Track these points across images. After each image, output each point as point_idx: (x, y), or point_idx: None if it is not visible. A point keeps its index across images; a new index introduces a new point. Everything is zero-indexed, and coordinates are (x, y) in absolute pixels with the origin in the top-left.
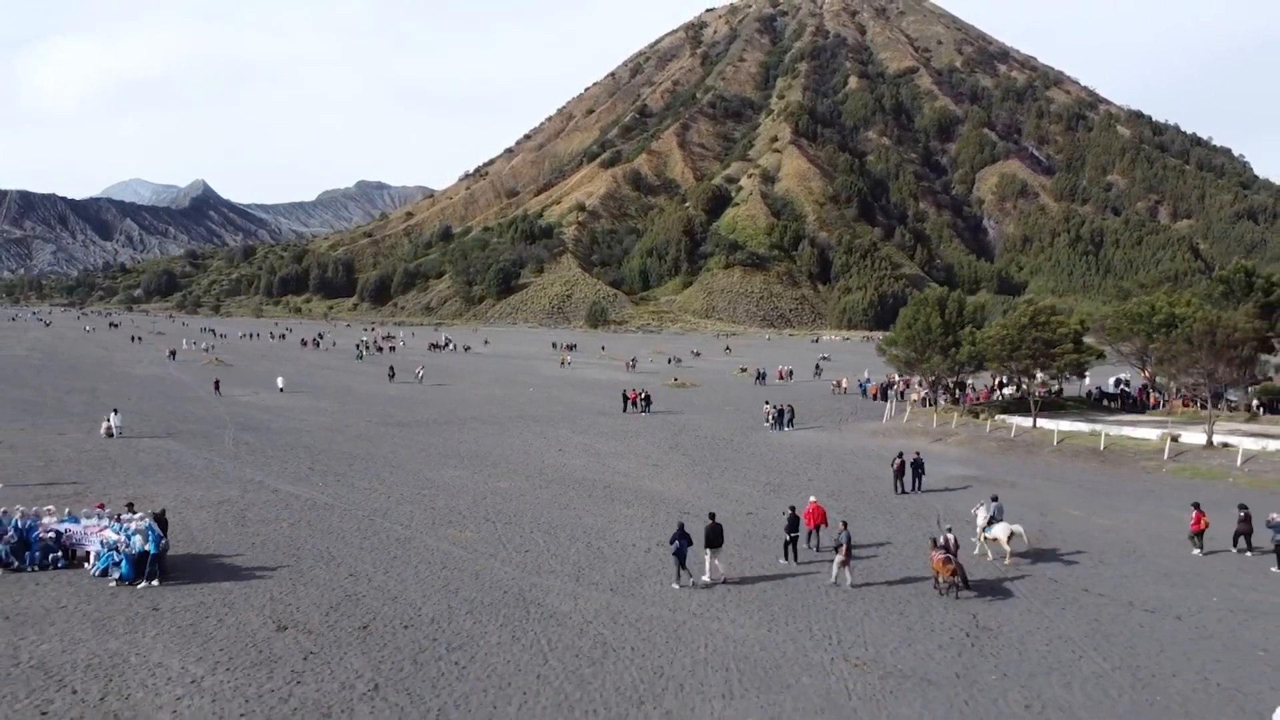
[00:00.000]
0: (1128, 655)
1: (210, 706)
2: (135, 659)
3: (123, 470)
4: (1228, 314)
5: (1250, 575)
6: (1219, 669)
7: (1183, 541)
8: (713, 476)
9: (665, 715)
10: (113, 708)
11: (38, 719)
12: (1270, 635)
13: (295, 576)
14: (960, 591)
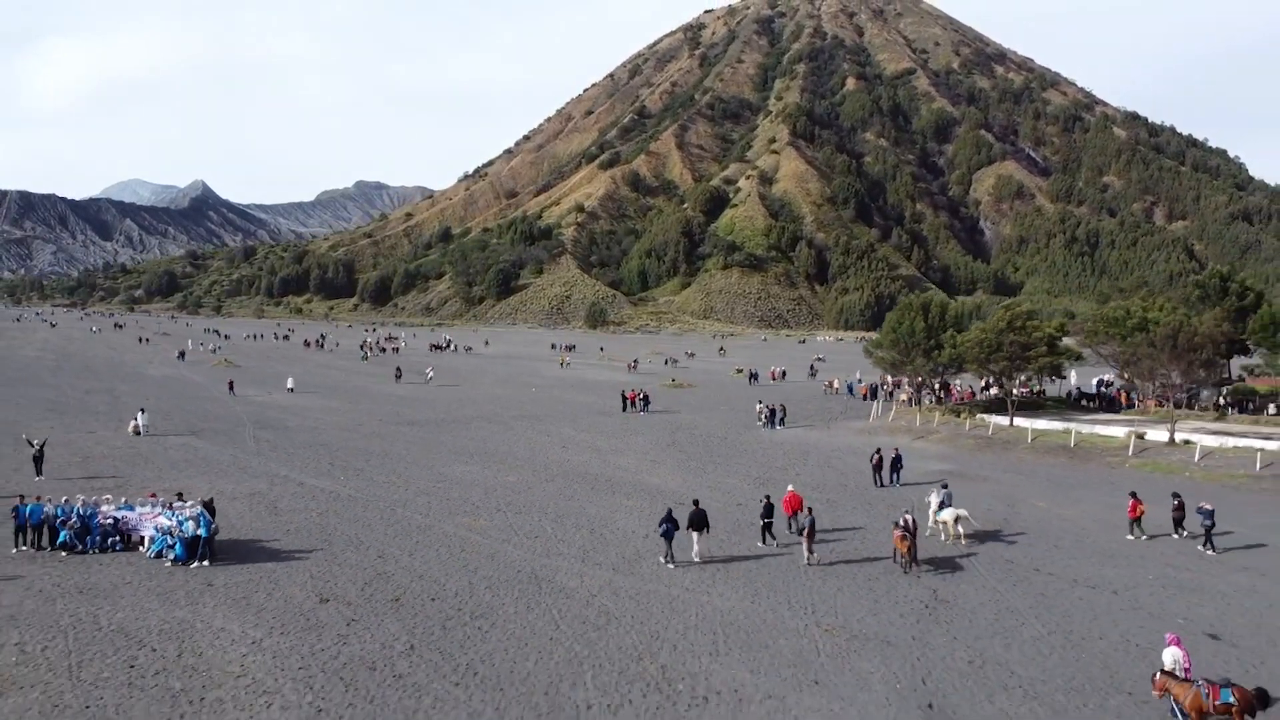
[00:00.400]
0: (1064, 622)
1: (272, 662)
2: (200, 624)
3: (156, 465)
4: (1198, 318)
5: (1183, 556)
6: (1141, 633)
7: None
8: (706, 471)
9: (661, 669)
10: (189, 662)
11: (127, 671)
12: (1192, 607)
13: (330, 558)
14: (913, 565)
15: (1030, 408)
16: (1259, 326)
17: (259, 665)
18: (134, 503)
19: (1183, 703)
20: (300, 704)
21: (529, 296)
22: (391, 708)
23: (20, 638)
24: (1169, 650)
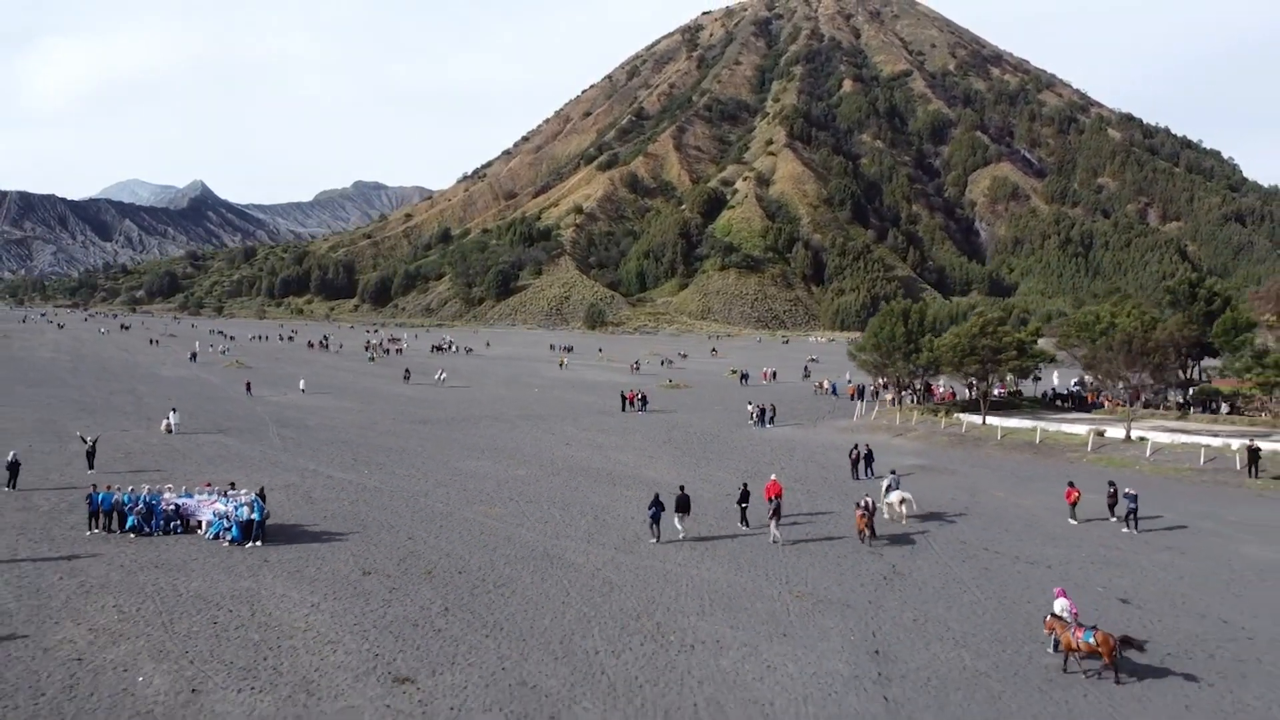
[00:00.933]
0: (1000, 591)
1: (330, 620)
2: (264, 592)
3: (193, 461)
4: (1162, 323)
5: (1115, 537)
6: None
7: (1084, 517)
8: (699, 465)
9: (656, 625)
10: (261, 620)
11: (211, 626)
12: (1113, 578)
13: (365, 539)
14: (871, 539)
15: (1007, 407)
16: (1221, 330)
17: (320, 622)
18: (191, 491)
19: (1060, 639)
20: (359, 650)
21: (528, 297)
22: (434, 654)
23: (115, 601)
24: (1058, 600)
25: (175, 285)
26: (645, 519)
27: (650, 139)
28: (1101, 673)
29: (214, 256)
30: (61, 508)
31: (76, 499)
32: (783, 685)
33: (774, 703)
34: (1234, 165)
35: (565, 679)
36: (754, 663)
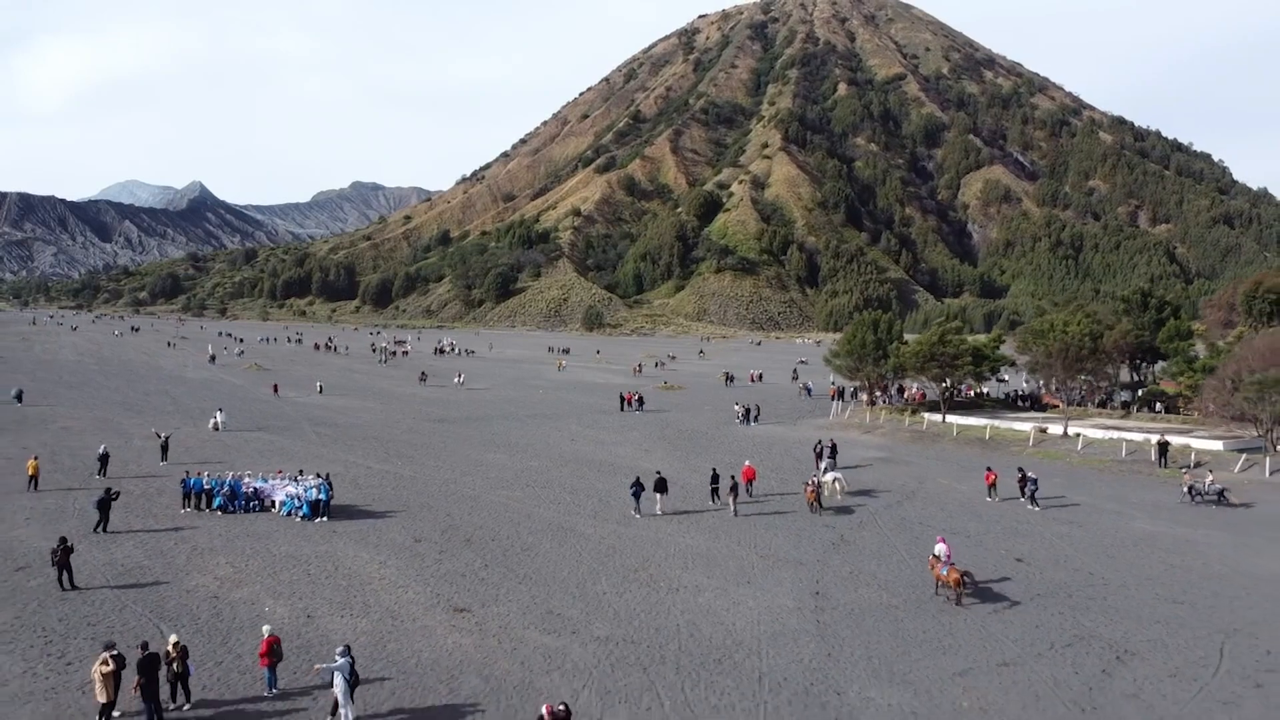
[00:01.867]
0: (924, 553)
1: (397, 573)
2: (340, 553)
3: (245, 454)
4: (1109, 330)
5: (1026, 513)
6: (973, 562)
7: (1001, 497)
8: (689, 458)
9: (650, 576)
10: (344, 571)
11: (306, 577)
12: (1015, 544)
13: (410, 516)
14: (820, 511)
15: (971, 407)
16: (1166, 337)
17: (389, 574)
18: (266, 477)
19: (936, 575)
20: (424, 592)
21: (527, 299)
22: (481, 594)
23: (227, 560)
24: (938, 545)
25: (178, 287)
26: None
27: (647, 142)
28: (960, 599)
29: (215, 258)
30: (150, 492)
31: (161, 484)
32: (743, 614)
33: (735, 624)
34: (1224, 168)
35: (582, 610)
36: (723, 600)
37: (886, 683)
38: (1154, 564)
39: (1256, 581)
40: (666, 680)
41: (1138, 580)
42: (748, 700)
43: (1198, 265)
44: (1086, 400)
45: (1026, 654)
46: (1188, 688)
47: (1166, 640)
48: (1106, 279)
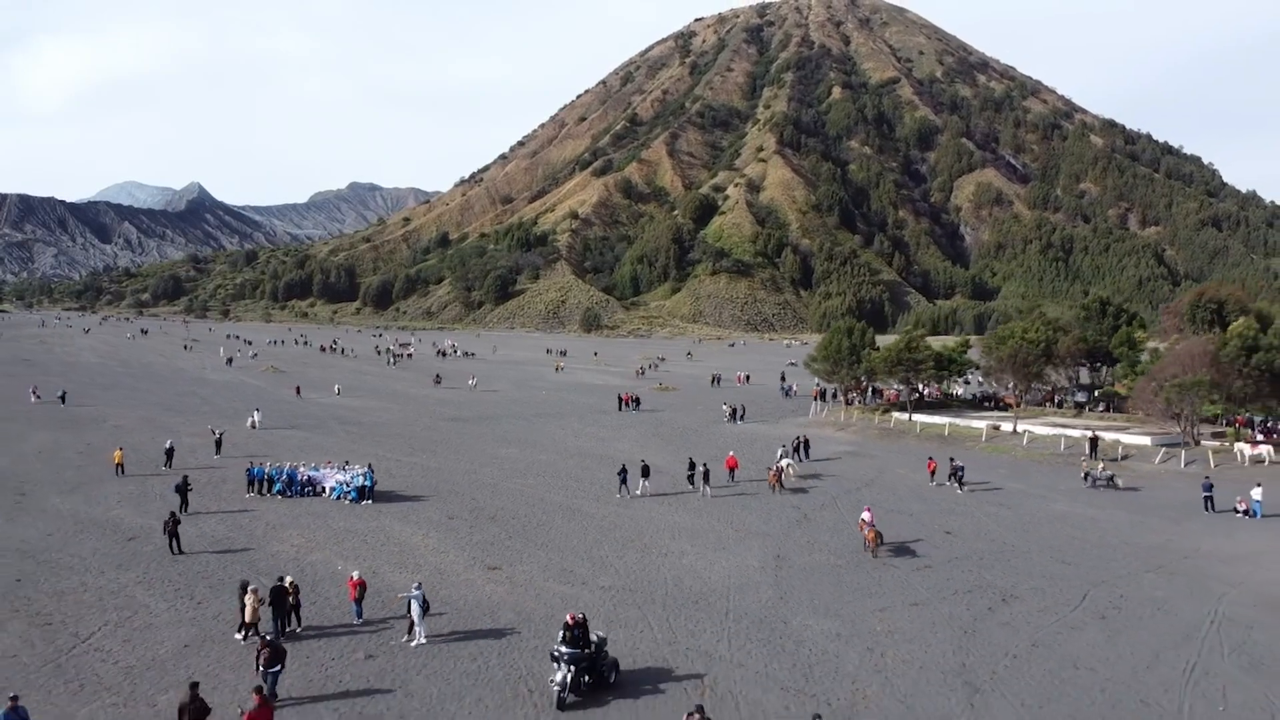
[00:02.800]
0: (923, 557)
1: (437, 542)
2: (388, 528)
3: (285, 449)
4: (1064, 337)
5: (957, 496)
6: (910, 535)
7: (944, 483)
8: (680, 452)
9: (644, 544)
10: (395, 542)
11: (364, 545)
12: (947, 520)
13: (441, 500)
14: (780, 490)
15: (939, 407)
16: (1118, 343)
17: (432, 543)
18: (317, 466)
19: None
20: (462, 556)
21: (526, 301)
22: (509, 556)
23: (297, 532)
24: (865, 513)
25: (179, 288)
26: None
27: (644, 145)
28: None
29: (215, 259)
30: (214, 480)
31: (221, 474)
32: (717, 571)
33: (710, 578)
34: (1213, 170)
35: (589, 568)
36: (703, 562)
37: (823, 615)
38: (1059, 536)
39: (1136, 549)
40: (656, 615)
41: (1040, 548)
42: (716, 627)
43: (1186, 267)
44: (1046, 400)
45: (933, 597)
46: (1048, 619)
47: (1045, 588)
48: (1096, 281)
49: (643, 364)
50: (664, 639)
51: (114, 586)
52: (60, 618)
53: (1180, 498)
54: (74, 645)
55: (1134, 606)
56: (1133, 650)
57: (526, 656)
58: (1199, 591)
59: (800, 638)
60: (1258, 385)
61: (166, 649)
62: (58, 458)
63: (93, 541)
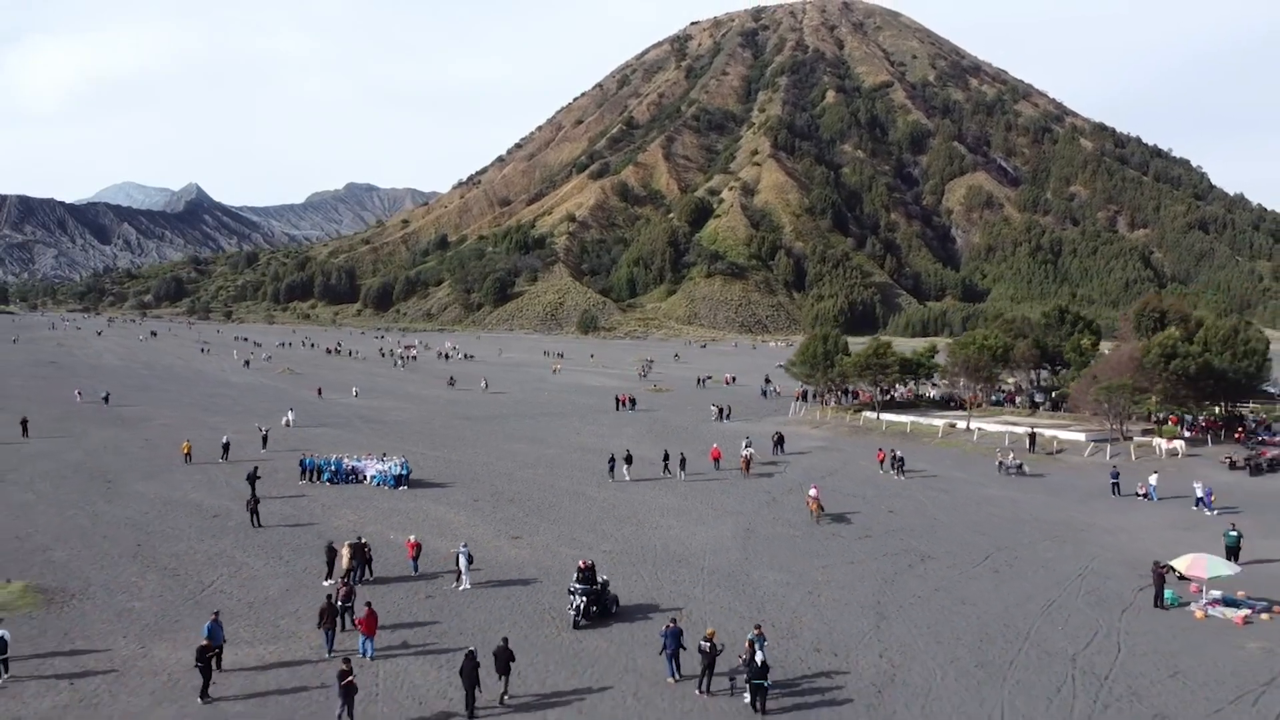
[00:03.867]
0: (828, 507)
1: (467, 519)
2: (425, 508)
3: (321, 444)
4: (1018, 343)
5: (900, 482)
6: (859, 510)
7: (905, 475)
8: (671, 447)
9: (638, 520)
10: (433, 518)
11: (408, 520)
12: (891, 501)
13: (465, 486)
14: (748, 473)
15: (909, 406)
16: (1069, 349)
17: (463, 519)
18: (360, 457)
19: (809, 507)
20: (489, 529)
21: (525, 303)
22: (528, 529)
23: (350, 511)
24: (812, 490)
25: (181, 290)
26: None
27: (640, 148)
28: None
29: (215, 261)
30: (267, 470)
31: (271, 465)
32: (697, 540)
33: (691, 544)
34: (1202, 173)
35: (594, 537)
36: (686, 533)
37: (777, 570)
38: (981, 514)
39: (1041, 524)
40: (647, 569)
41: (964, 523)
42: (694, 578)
43: (1173, 270)
44: (1008, 400)
45: (867, 558)
46: (953, 573)
47: (957, 552)
48: (1084, 283)
49: (643, 367)
50: (653, 585)
51: (216, 550)
52: (184, 572)
53: (1096, 484)
54: (203, 589)
55: (1023, 564)
56: (1011, 594)
57: (548, 597)
58: (1079, 554)
59: (758, 585)
60: (1175, 387)
61: (273, 591)
62: (124, 451)
63: (184, 518)
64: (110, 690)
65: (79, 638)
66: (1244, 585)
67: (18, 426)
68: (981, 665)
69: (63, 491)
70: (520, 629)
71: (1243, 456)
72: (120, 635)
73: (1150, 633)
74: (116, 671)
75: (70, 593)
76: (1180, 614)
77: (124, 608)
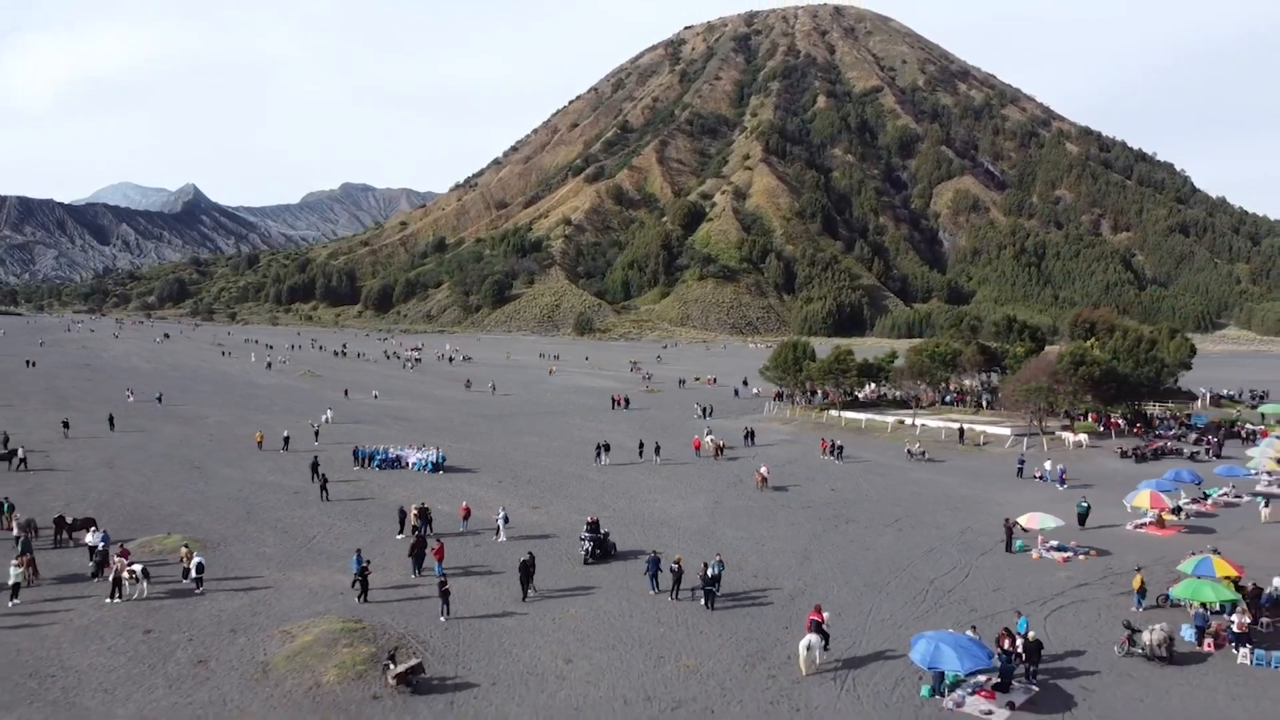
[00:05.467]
0: (782, 485)
1: (494, 494)
2: (459, 487)
3: (360, 438)
4: (966, 349)
5: (841, 466)
6: (807, 488)
7: (848, 465)
8: (661, 439)
9: (631, 495)
10: (467, 493)
11: (448, 495)
12: (832, 481)
13: (489, 471)
14: (719, 456)
15: (871, 405)
16: (1010, 354)
17: (492, 495)
18: (402, 447)
19: (757, 481)
20: (514, 501)
21: (522, 305)
22: (545, 501)
23: (401, 489)
24: (762, 468)
25: (184, 291)
26: (623, 463)
27: (634, 152)
28: (763, 489)
29: (217, 262)
30: (323, 460)
31: (328, 455)
32: (676, 509)
33: (671, 513)
34: (1185, 177)
35: (596, 507)
36: (667, 504)
37: (735, 529)
38: (905, 491)
39: (949, 498)
40: (638, 529)
41: (888, 498)
42: (672, 535)
43: (1154, 272)
44: (959, 400)
45: (804, 521)
46: (867, 531)
47: (874, 517)
48: (1066, 285)
49: (645, 372)
50: (642, 538)
51: (306, 516)
52: (291, 529)
53: (1007, 469)
54: (309, 541)
55: (921, 525)
56: (905, 544)
57: (564, 546)
58: (967, 518)
59: (719, 538)
60: (1080, 390)
61: (360, 541)
62: (196, 444)
63: (271, 494)
64: (274, 597)
65: (235, 569)
66: (1077, 537)
67: (105, 422)
68: (868, 585)
69: (165, 474)
70: (545, 565)
71: (1132, 447)
72: (264, 568)
73: (994, 567)
74: (272, 588)
75: (214, 542)
76: (1023, 557)
77: (258, 552)
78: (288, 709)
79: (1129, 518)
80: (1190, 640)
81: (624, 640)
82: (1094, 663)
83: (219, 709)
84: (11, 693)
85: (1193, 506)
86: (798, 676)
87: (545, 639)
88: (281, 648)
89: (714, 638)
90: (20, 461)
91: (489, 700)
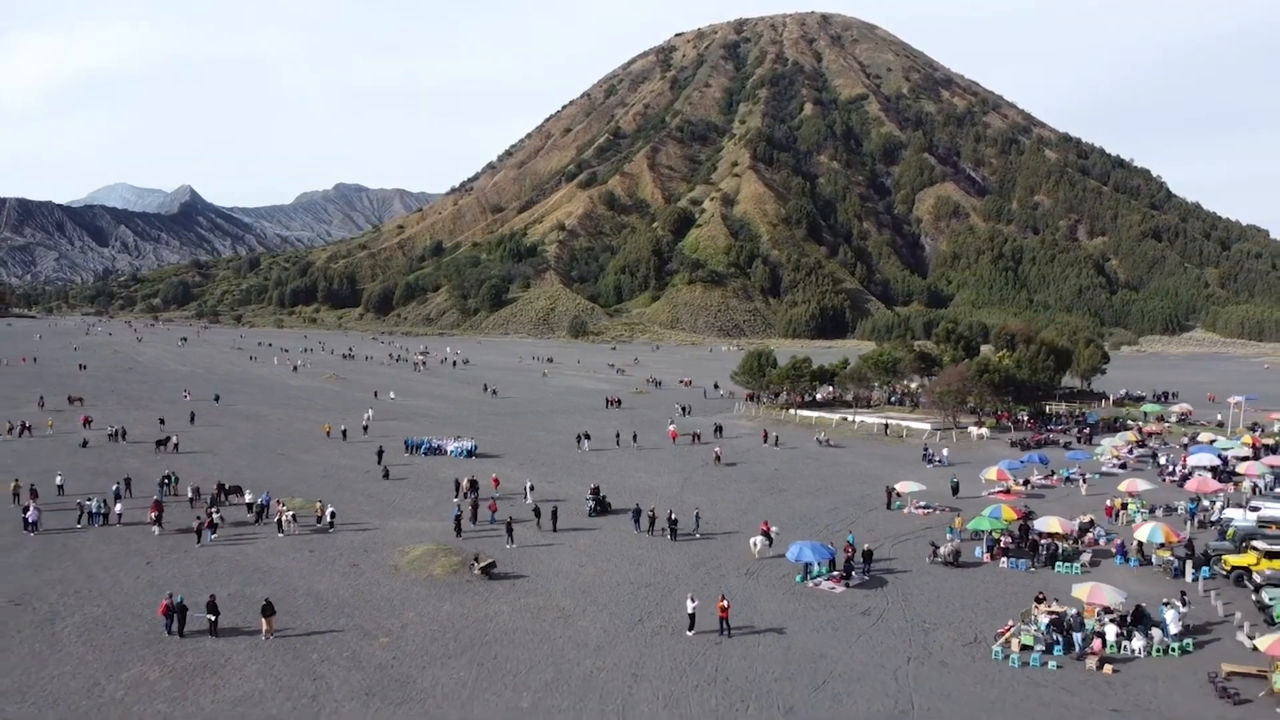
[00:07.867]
0: (748, 469)
1: (518, 472)
2: (491, 467)
3: (400, 431)
4: (906, 354)
5: (791, 453)
6: (756, 469)
7: (790, 451)
8: (645, 433)
9: (620, 473)
10: (503, 474)
11: (484, 473)
12: (780, 467)
13: (510, 456)
14: (695, 442)
15: (826, 405)
16: (945, 358)
17: (516, 473)
18: (441, 437)
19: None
20: (532, 477)
21: (518, 309)
22: (557, 476)
23: (450, 468)
24: (716, 448)
25: (188, 293)
26: (614, 451)
27: (626, 158)
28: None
29: (218, 265)
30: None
31: (384, 444)
32: (655, 483)
33: (652, 486)
34: (1161, 183)
35: (595, 481)
36: (649, 479)
37: (698, 496)
38: (831, 471)
39: (862, 476)
40: (626, 496)
41: (817, 475)
42: (651, 499)
43: (1127, 276)
44: (902, 400)
45: (749, 491)
46: (791, 497)
47: (801, 488)
48: (1041, 289)
49: (619, 366)
50: (629, 502)
51: (382, 487)
52: (375, 496)
53: (914, 455)
54: (392, 503)
55: (834, 493)
56: (817, 505)
57: (575, 505)
58: (869, 488)
59: (686, 502)
60: (985, 393)
61: (429, 502)
62: (269, 436)
63: (348, 474)
64: (383, 534)
65: (351, 519)
66: (948, 502)
67: (186, 419)
68: (783, 528)
69: (262, 458)
70: (563, 515)
71: (1020, 439)
72: (369, 519)
73: (870, 517)
74: (379, 529)
75: (326, 503)
76: (898, 513)
77: (360, 509)
78: (416, 587)
79: (986, 488)
80: (979, 555)
81: (616, 555)
82: (909, 566)
83: (374, 587)
84: (247, 577)
85: (1040, 480)
86: (725, 571)
87: (567, 554)
88: (402, 558)
89: (673, 555)
90: (174, 446)
91: (535, 583)
